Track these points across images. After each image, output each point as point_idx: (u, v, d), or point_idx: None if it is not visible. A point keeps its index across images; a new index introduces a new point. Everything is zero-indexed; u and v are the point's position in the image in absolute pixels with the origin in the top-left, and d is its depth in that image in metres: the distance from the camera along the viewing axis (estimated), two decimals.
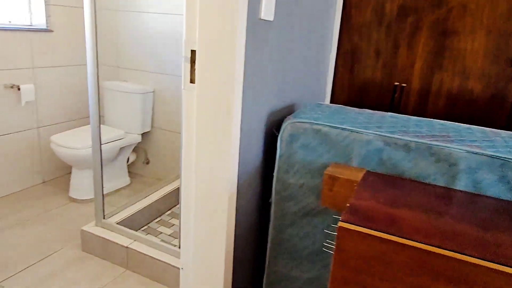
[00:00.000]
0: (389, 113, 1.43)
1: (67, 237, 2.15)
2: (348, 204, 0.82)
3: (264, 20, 1.11)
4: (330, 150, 1.16)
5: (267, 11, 1.08)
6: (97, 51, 1.83)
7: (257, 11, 1.07)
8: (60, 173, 2.94)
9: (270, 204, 1.35)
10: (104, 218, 2.03)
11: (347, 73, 2.04)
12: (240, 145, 1.10)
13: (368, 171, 1.02)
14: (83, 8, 2.83)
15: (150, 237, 1.98)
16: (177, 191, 2.56)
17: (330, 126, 1.16)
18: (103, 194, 2.05)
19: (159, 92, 2.78)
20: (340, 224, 0.76)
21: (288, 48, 1.39)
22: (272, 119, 1.36)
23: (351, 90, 2.05)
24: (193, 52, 1.00)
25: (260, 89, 1.19)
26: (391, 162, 1.09)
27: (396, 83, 1.93)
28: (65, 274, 1.86)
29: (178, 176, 2.71)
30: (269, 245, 1.36)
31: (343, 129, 1.15)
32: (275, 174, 1.28)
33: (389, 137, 1.10)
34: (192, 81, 1.01)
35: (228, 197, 1.08)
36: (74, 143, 2.41)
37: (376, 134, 1.11)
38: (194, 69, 1.00)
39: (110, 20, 2.82)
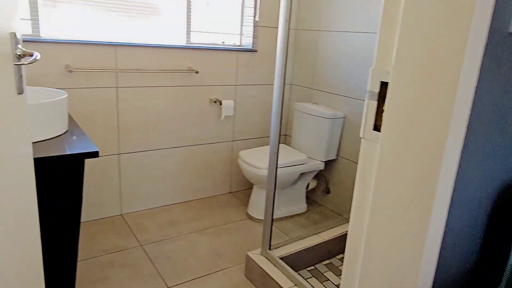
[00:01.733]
0: None
1: (235, 256, 2.13)
2: None
3: None
4: None
5: None
6: (285, 71, 1.72)
7: (507, 21, 0.67)
8: (245, 186, 3.04)
9: None
10: (269, 249, 1.91)
11: None
12: (444, 235, 0.72)
13: None
14: None
15: (314, 282, 1.73)
16: None
17: None
18: (272, 222, 1.93)
19: (350, 118, 2.51)
20: None
21: None
22: (507, 197, 0.89)
23: None
24: (383, 85, 0.69)
25: (492, 150, 0.77)
26: None
27: None
28: None
29: None
30: None
31: None
32: None
33: None
34: (377, 127, 0.70)
35: None
36: (257, 161, 2.40)
37: None
38: (382, 111, 0.69)
39: (309, 40, 2.74)
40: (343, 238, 2.17)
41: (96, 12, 2.19)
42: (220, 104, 2.66)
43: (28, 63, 0.84)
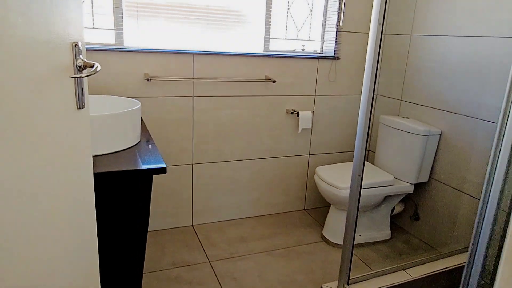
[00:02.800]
0: None
1: (308, 285, 1.93)
2: None
3: None
4: None
5: None
6: (375, 81, 1.49)
7: None
8: (320, 204, 2.82)
9: None
10: (348, 284, 1.67)
11: None
12: None
13: None
14: None
15: None
16: (455, 271, 1.89)
17: None
18: (352, 251, 1.69)
19: (447, 135, 2.17)
20: None
21: None
22: None
23: None
24: None
25: None
26: None
27: None
28: None
29: (458, 249, 2.02)
30: None
31: None
32: None
33: None
34: None
35: None
36: (336, 180, 2.17)
37: None
38: None
39: (399, 46, 2.44)
40: (436, 277, 1.85)
41: (176, 21, 2.17)
42: (298, 115, 2.49)
43: (86, 76, 0.75)
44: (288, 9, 2.42)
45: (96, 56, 1.98)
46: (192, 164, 2.36)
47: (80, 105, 0.81)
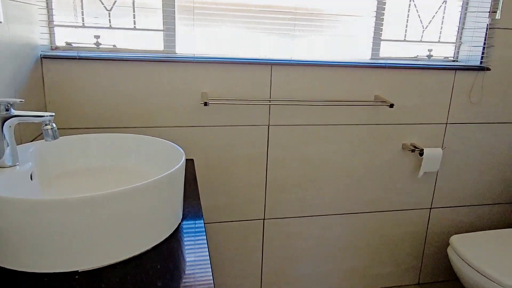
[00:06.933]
0: None
1: None
2: None
3: None
4: None
5: None
6: None
7: None
8: (441, 277, 1.96)
9: None
10: None
11: None
12: None
13: None
14: None
15: None
16: None
17: None
18: None
19: None
20: None
21: None
22: None
23: None
24: None
25: None
26: None
27: None
28: None
29: None
30: None
31: None
32: None
33: None
34: None
35: None
36: (499, 269, 1.34)
37: None
38: None
39: None
40: None
41: (242, 27, 1.49)
42: (421, 154, 1.67)
43: None
44: None
45: (132, 68, 1.37)
46: (264, 219, 1.66)
47: None
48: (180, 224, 0.91)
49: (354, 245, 1.79)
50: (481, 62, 1.67)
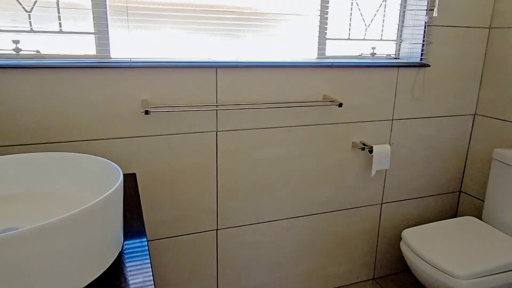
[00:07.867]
0: None
1: None
2: None
3: None
4: None
5: None
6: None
7: None
8: (395, 269, 2.01)
9: None
10: None
11: None
12: None
13: None
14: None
15: None
16: None
17: None
18: None
19: None
20: None
21: None
22: None
23: None
24: None
25: None
26: None
27: None
28: None
29: None
30: None
31: None
32: None
33: None
34: None
35: None
36: (449, 261, 1.37)
37: None
38: None
39: None
40: None
41: (185, 26, 1.40)
42: (370, 151, 1.68)
43: None
44: None
45: (60, 77, 1.22)
46: (217, 229, 1.58)
47: None
48: (122, 249, 0.81)
49: (311, 247, 1.77)
50: (421, 59, 1.72)
